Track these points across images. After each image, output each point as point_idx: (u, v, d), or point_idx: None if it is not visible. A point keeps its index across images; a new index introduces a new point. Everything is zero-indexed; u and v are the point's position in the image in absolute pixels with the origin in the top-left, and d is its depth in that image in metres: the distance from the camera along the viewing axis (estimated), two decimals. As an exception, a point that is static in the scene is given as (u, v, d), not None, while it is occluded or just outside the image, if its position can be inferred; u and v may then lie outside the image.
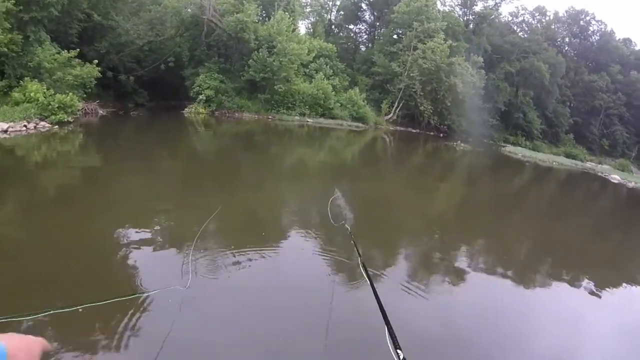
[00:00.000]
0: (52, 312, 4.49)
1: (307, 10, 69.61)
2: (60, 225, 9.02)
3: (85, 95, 27.54)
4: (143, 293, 5.99)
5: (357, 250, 5.89)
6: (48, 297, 6.04)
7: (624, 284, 10.90)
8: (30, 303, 5.70)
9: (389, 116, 56.22)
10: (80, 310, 4.83)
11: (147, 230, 8.99)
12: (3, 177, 13.03)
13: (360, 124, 50.28)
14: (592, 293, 9.60)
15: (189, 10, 40.36)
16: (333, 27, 74.26)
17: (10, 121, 20.05)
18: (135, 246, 8.02)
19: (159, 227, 9.38)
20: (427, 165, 30.87)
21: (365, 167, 25.27)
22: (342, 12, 72.64)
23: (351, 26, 75.07)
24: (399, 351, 2.61)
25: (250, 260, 7.95)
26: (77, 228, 8.93)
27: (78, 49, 27.03)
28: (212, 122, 36.11)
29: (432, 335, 6.60)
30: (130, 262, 7.41)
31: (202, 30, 40.11)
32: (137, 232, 8.79)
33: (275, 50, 39.95)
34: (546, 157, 50.17)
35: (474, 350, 6.47)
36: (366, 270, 4.77)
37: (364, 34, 76.32)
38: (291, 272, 7.98)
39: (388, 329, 3.03)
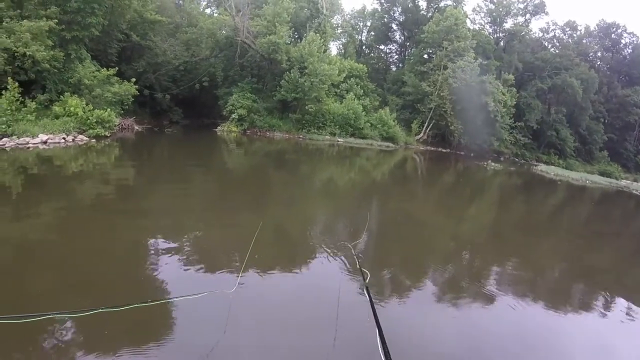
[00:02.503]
0: (101, 310, 4.70)
1: (339, 31, 70.66)
2: (100, 233, 9.38)
3: (122, 112, 28.77)
4: (192, 295, 6.15)
5: (363, 276, 5.99)
6: (94, 297, 6.35)
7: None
8: (75, 303, 5.98)
9: (420, 136, 56.15)
10: (125, 309, 5.07)
11: (187, 241, 9.37)
12: (41, 186, 13.58)
13: (390, 144, 50.20)
14: (626, 320, 9.15)
15: (224, 32, 41.65)
16: (364, 47, 75.29)
17: (50, 133, 20.96)
18: (169, 257, 8.32)
19: (198, 239, 9.75)
20: (458, 185, 30.44)
21: (396, 187, 25.06)
22: (372, 33, 73.49)
23: (382, 46, 75.99)
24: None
25: (288, 273, 8.40)
26: (116, 236, 9.33)
27: (117, 67, 28.31)
28: (244, 140, 36.59)
29: (457, 356, 6.60)
30: (163, 271, 7.71)
31: (235, 51, 41.34)
32: (176, 243, 9.11)
33: (306, 70, 40.68)
34: (579, 176, 49.00)
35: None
36: (369, 295, 4.79)
37: (394, 54, 76.97)
38: (325, 288, 8.08)
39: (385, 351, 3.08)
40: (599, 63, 76.78)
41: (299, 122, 44.26)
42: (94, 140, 23.27)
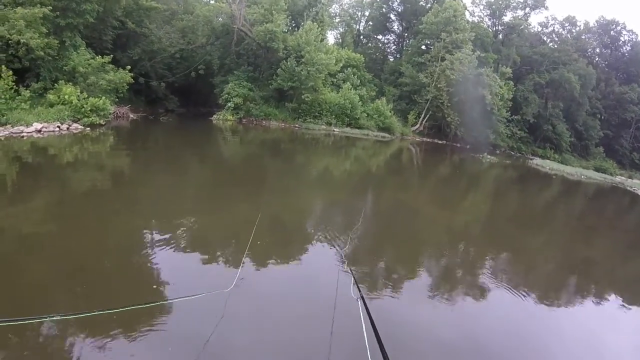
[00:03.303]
0: (96, 312, 4.68)
1: (336, 20, 70.27)
2: (95, 226, 9.37)
3: (117, 100, 28.62)
4: (189, 296, 6.16)
5: (357, 287, 6.05)
6: (89, 296, 6.35)
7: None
8: (70, 302, 6.11)
9: (416, 127, 56.02)
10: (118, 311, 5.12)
11: (185, 234, 9.34)
12: (36, 175, 13.55)
13: (386, 135, 50.19)
14: (619, 313, 9.43)
15: (220, 19, 41.16)
16: (361, 37, 74.68)
17: (44, 122, 20.85)
18: (170, 250, 8.35)
19: (193, 231, 9.76)
20: (454, 177, 30.66)
21: (391, 178, 25.32)
22: (370, 23, 72.76)
23: (379, 37, 75.22)
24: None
25: (286, 267, 8.51)
26: (112, 230, 9.31)
27: (112, 55, 28.15)
28: (240, 129, 36.57)
29: (455, 346, 6.69)
30: (158, 266, 7.70)
31: (232, 39, 41.00)
32: (173, 236, 9.07)
33: (303, 59, 40.41)
34: (574, 171, 49.11)
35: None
36: (366, 306, 4.79)
37: (392, 44, 76.26)
38: (322, 283, 8.10)
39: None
40: (597, 59, 76.58)
41: (295, 111, 44.13)
42: (88, 128, 23.20)
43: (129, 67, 29.16)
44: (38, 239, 8.36)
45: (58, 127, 21.43)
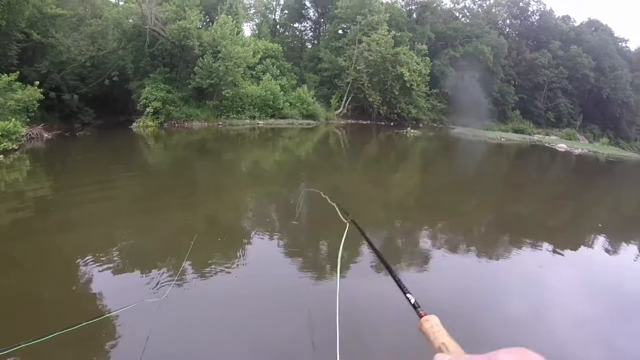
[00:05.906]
0: (21, 345, 4.67)
1: (251, 11, 69.70)
2: (21, 257, 9.09)
3: (28, 120, 27.05)
4: (115, 311, 6.25)
5: (345, 212, 5.96)
6: (12, 329, 6.16)
7: (582, 246, 12.00)
8: None
9: (339, 110, 57.04)
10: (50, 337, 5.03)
11: (113, 252, 9.14)
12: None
13: (311, 121, 50.95)
14: (552, 259, 10.28)
15: (131, 20, 39.56)
16: (278, 26, 74.47)
17: (-49, 155, 19.75)
18: (101, 269, 8.20)
19: (125, 249, 9.55)
20: (381, 154, 31.79)
21: (321, 163, 25.83)
22: (286, 12, 72.71)
23: (296, 25, 75.36)
24: (408, 295, 2.60)
25: (225, 270, 8.41)
26: (35, 257, 8.99)
27: (18, 72, 26.65)
28: (162, 134, 35.63)
29: (404, 313, 7.02)
30: (98, 284, 7.62)
31: (145, 40, 39.69)
32: (102, 256, 8.87)
33: (220, 55, 39.95)
34: (495, 135, 52.21)
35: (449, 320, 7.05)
36: (358, 227, 4.52)
37: (309, 31, 76.76)
38: (265, 280, 8.27)
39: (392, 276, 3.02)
40: (507, 30, 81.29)
41: (217, 108, 43.75)
42: (1, 156, 22.05)
43: (37, 82, 27.70)
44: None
45: (-33, 159, 20.38)
